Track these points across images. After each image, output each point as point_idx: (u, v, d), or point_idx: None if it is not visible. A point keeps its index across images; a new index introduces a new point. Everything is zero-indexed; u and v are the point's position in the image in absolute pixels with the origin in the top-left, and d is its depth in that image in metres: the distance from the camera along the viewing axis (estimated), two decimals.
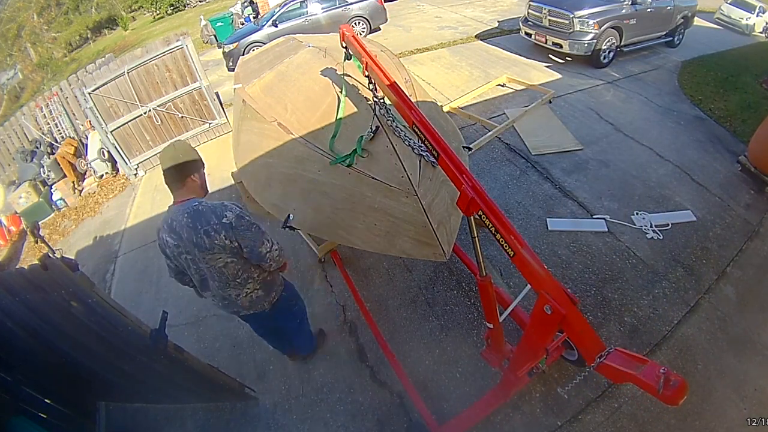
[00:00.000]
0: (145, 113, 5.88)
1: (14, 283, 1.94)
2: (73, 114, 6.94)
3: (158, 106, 5.95)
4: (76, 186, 6.23)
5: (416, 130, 1.89)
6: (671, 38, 7.88)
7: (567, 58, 7.46)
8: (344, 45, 2.48)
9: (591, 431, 2.56)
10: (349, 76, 2.80)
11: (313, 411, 2.81)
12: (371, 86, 2.31)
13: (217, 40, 12.12)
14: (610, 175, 4.59)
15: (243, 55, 7.77)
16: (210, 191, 5.51)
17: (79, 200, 6.07)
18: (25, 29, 22.89)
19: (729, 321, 3.11)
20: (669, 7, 7.41)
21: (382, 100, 2.36)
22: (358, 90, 2.74)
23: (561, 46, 7.13)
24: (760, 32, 11.22)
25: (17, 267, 4.27)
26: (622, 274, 3.47)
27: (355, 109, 2.65)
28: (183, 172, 1.90)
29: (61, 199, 6.03)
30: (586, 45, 6.81)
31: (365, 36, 9.57)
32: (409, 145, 2.37)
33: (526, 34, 7.89)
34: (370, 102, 2.53)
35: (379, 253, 2.62)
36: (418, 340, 3.13)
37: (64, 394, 2.56)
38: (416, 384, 2.85)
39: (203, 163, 2.03)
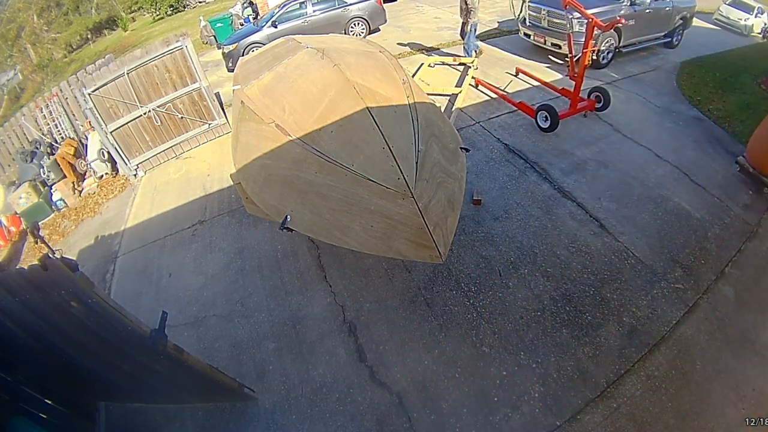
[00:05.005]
0: (144, 114, 5.89)
1: (14, 283, 1.95)
2: (73, 115, 6.95)
3: (158, 106, 5.96)
4: (75, 186, 6.23)
5: None
6: (670, 39, 7.90)
7: (566, 59, 7.46)
8: None
9: (590, 431, 2.57)
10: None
11: (312, 411, 2.82)
12: None
13: (216, 41, 12.12)
14: (608, 176, 4.60)
15: (242, 55, 7.77)
16: (209, 192, 5.54)
17: (78, 201, 6.07)
18: (25, 30, 22.90)
19: (728, 321, 3.12)
20: (668, 8, 7.43)
21: None
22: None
23: (560, 47, 7.14)
24: (759, 33, 11.24)
25: (17, 267, 4.27)
26: (621, 275, 3.48)
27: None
28: None
29: (61, 199, 6.04)
30: None
31: (364, 37, 9.58)
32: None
33: (525, 35, 7.91)
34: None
35: (375, 254, 2.62)
36: (417, 340, 3.14)
37: (64, 394, 2.57)
38: (415, 384, 2.87)
39: None
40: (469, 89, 6.69)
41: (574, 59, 5.68)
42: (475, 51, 7.88)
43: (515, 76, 7.07)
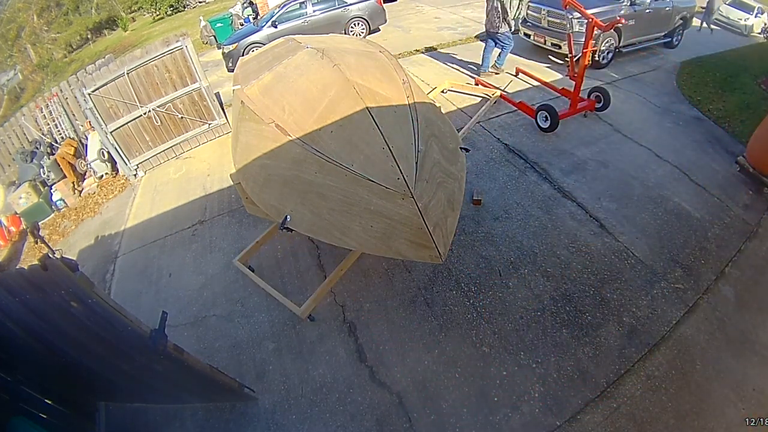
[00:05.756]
0: (144, 114, 5.89)
1: (14, 283, 1.95)
2: (73, 115, 6.95)
3: (158, 106, 5.96)
4: (75, 186, 6.23)
5: None
6: (670, 39, 7.89)
7: (566, 59, 7.46)
8: None
9: (590, 431, 2.57)
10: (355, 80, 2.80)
11: (312, 411, 2.82)
12: None
13: (216, 41, 12.13)
14: (608, 176, 4.60)
15: (242, 55, 7.78)
16: (209, 192, 5.53)
17: (78, 201, 6.07)
18: (25, 30, 22.92)
19: (728, 321, 3.12)
20: (668, 8, 7.43)
21: None
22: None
23: (560, 47, 7.15)
24: (759, 33, 11.24)
25: (17, 267, 4.28)
26: (621, 275, 3.48)
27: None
28: None
29: (61, 199, 6.04)
30: None
31: (364, 37, 9.58)
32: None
33: (525, 34, 7.91)
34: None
35: (375, 254, 2.62)
36: (417, 340, 3.14)
37: (64, 394, 2.57)
38: (415, 384, 2.87)
39: None
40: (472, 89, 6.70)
41: (574, 59, 5.69)
42: (495, 67, 7.13)
43: (515, 76, 7.07)
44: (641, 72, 7.13)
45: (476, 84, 6.78)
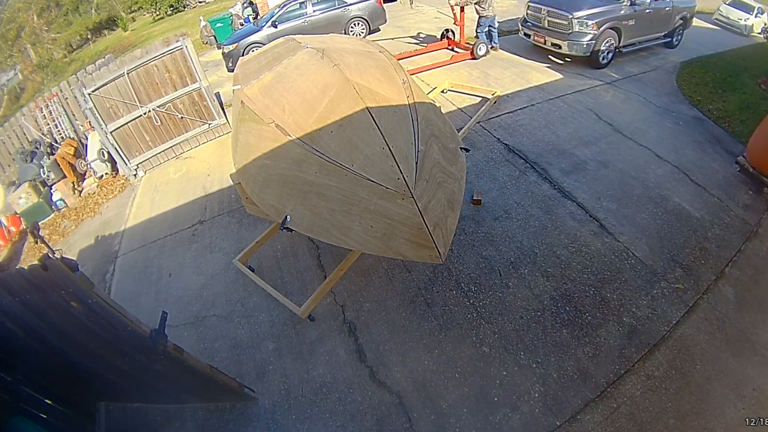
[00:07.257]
0: (144, 114, 5.90)
1: (14, 283, 1.95)
2: (73, 114, 6.95)
3: (158, 106, 5.96)
4: (75, 186, 6.24)
5: None
6: (670, 39, 7.90)
7: (566, 59, 7.47)
8: None
9: (590, 431, 2.57)
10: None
11: (312, 411, 2.82)
12: None
13: (216, 41, 12.13)
14: (608, 176, 4.60)
15: (242, 55, 7.78)
16: (209, 192, 5.53)
17: (78, 201, 6.07)
18: (25, 30, 22.91)
19: (728, 321, 3.12)
20: (668, 8, 7.43)
21: None
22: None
23: (560, 47, 7.15)
24: (759, 33, 11.25)
25: (17, 267, 4.27)
26: (621, 275, 3.48)
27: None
28: None
29: (60, 199, 6.04)
30: (585, 46, 6.82)
31: (364, 37, 9.58)
32: None
33: (525, 35, 7.91)
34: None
35: (375, 254, 2.62)
36: (417, 340, 3.14)
37: (64, 394, 2.57)
38: (415, 384, 2.87)
39: None
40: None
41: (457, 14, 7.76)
42: (486, 45, 7.95)
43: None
44: (641, 72, 7.13)
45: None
